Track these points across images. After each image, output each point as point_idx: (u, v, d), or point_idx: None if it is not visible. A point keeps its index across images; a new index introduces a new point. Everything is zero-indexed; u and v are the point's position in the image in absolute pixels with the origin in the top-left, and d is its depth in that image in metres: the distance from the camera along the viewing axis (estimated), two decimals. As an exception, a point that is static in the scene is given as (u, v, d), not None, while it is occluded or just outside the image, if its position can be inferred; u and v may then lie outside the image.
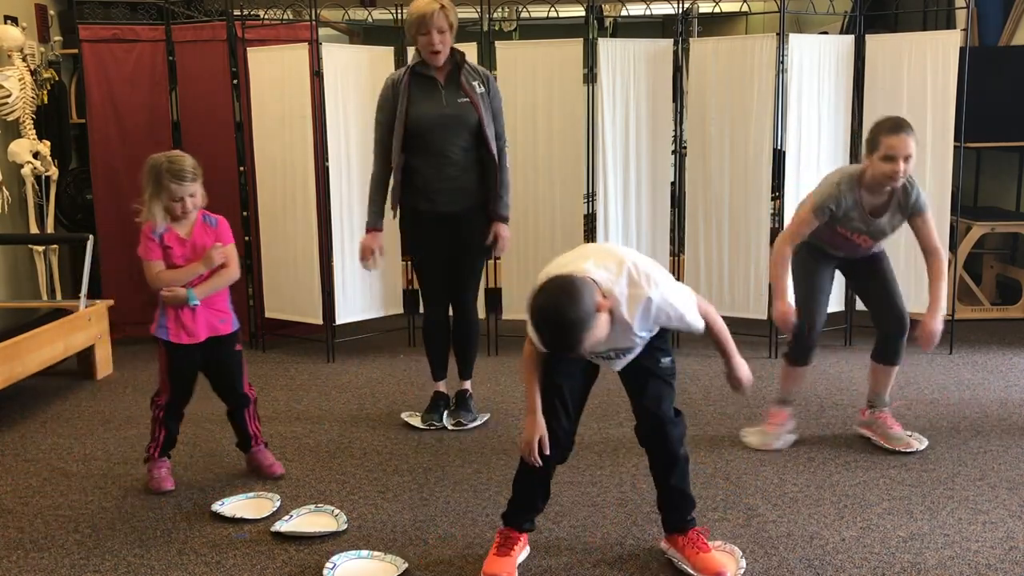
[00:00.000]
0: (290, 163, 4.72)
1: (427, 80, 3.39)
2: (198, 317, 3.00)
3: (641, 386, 2.47)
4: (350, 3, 6.35)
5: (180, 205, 2.94)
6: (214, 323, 3.05)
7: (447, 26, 3.29)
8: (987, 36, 5.53)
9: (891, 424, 3.38)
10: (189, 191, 2.94)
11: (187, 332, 2.99)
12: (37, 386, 4.29)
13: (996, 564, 2.49)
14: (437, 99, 3.37)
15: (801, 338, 3.30)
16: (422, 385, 4.08)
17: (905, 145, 2.98)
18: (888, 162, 3.00)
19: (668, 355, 2.48)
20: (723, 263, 4.75)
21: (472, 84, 3.39)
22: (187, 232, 3.02)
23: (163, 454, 3.11)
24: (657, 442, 2.47)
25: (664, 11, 5.45)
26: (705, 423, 3.66)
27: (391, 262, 4.88)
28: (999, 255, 5.58)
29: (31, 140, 4.94)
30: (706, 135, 4.71)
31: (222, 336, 3.07)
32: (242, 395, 3.15)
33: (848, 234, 3.20)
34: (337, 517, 2.80)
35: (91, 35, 4.96)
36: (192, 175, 2.93)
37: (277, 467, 3.18)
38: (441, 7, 3.27)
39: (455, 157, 3.39)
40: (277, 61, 4.69)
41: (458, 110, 3.37)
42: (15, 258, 5.25)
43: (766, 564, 2.51)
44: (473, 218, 3.48)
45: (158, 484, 3.04)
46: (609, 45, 4.66)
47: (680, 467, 2.48)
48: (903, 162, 2.99)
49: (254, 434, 3.19)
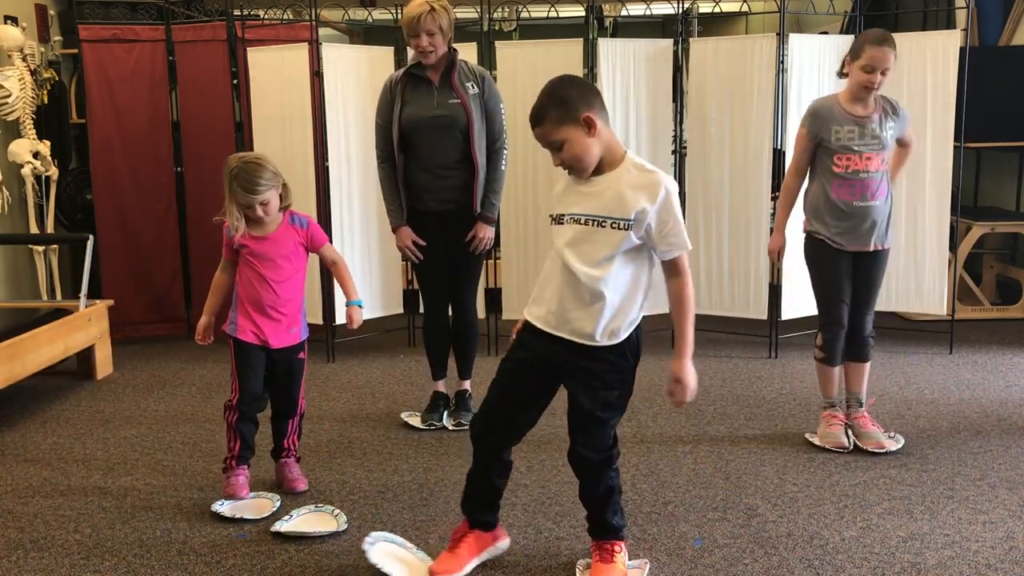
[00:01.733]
0: (290, 163, 4.71)
1: (421, 81, 3.41)
2: (271, 325, 2.91)
3: (571, 413, 2.37)
4: (350, 3, 6.35)
5: (252, 212, 2.83)
6: (285, 333, 2.95)
7: (437, 29, 3.30)
8: (987, 36, 5.54)
9: (865, 423, 3.38)
10: (260, 199, 2.80)
11: (259, 333, 2.91)
12: (37, 386, 4.29)
13: (996, 564, 2.49)
14: (429, 100, 3.40)
15: (833, 338, 3.33)
16: (422, 385, 4.08)
17: (885, 58, 3.11)
18: (866, 72, 3.14)
19: (613, 389, 2.31)
20: (723, 263, 4.75)
21: (465, 85, 3.41)
22: (270, 230, 2.91)
23: (241, 463, 2.99)
24: (576, 470, 2.42)
25: (664, 11, 5.46)
26: (705, 423, 3.66)
27: (391, 262, 4.88)
28: (999, 255, 5.58)
29: (31, 140, 4.94)
30: (706, 135, 4.71)
31: (292, 344, 2.98)
32: (295, 402, 3.04)
33: (849, 162, 3.20)
34: (337, 517, 2.80)
35: (91, 35, 4.97)
36: (265, 185, 2.79)
37: (300, 483, 3.05)
38: (431, 10, 3.28)
39: (445, 158, 3.41)
40: (277, 61, 4.68)
41: (448, 111, 3.39)
42: (15, 258, 5.25)
43: (766, 564, 2.51)
44: (467, 217, 3.49)
45: (232, 490, 2.93)
46: (609, 45, 4.67)
47: (597, 498, 2.39)
48: (880, 75, 3.13)
49: (289, 447, 3.08)
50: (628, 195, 2.22)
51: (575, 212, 2.27)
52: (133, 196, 5.10)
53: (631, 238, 2.23)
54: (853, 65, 3.19)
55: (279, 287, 2.91)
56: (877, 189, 3.22)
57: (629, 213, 2.22)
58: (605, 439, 2.36)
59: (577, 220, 2.27)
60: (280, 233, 2.92)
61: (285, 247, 2.92)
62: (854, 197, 3.22)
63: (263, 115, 4.77)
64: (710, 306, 4.81)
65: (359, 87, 4.67)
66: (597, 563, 2.42)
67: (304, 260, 2.99)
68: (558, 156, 2.24)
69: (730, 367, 4.48)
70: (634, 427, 3.59)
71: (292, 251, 2.94)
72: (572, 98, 2.20)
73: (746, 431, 3.56)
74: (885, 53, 3.11)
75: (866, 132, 3.20)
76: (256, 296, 2.90)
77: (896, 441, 3.37)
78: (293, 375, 3.02)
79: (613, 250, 2.24)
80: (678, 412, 3.79)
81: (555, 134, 2.21)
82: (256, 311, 2.91)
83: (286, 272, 2.93)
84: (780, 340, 4.68)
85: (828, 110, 3.24)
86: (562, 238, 2.29)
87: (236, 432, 2.96)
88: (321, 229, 3.04)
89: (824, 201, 3.26)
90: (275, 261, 2.91)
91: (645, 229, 2.23)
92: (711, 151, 4.70)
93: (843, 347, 3.35)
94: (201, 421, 3.77)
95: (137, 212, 5.10)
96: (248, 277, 2.92)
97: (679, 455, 3.32)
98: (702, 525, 2.75)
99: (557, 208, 2.33)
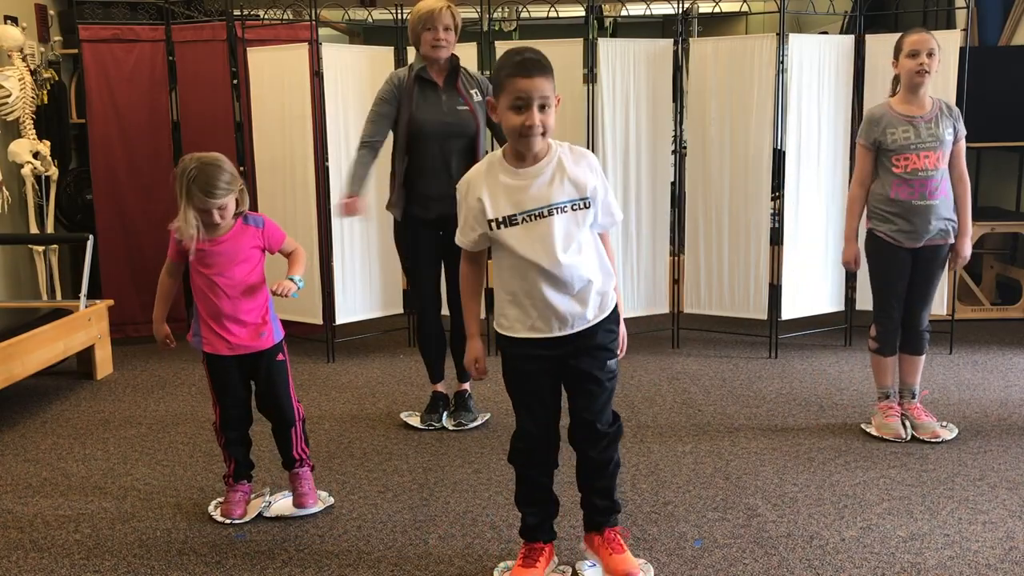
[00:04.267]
0: (290, 163, 4.72)
1: (428, 84, 3.41)
2: (235, 328, 2.72)
3: (580, 390, 2.31)
4: (350, 3, 6.35)
5: (208, 216, 2.62)
6: (253, 337, 2.75)
7: (452, 24, 3.36)
8: (987, 36, 5.53)
9: (919, 414, 3.47)
10: (218, 204, 2.59)
11: (225, 343, 2.72)
12: (37, 386, 4.29)
13: (996, 564, 2.49)
14: (437, 105, 3.39)
15: (884, 330, 3.42)
16: (422, 385, 4.08)
17: (927, 41, 3.22)
18: (912, 58, 3.22)
19: (614, 356, 2.32)
20: (723, 263, 4.75)
21: (470, 92, 3.42)
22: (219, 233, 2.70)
23: (239, 479, 2.87)
24: (589, 448, 2.37)
25: (664, 11, 5.46)
26: (705, 423, 3.66)
27: (391, 262, 4.88)
28: (999, 255, 5.58)
29: (31, 140, 4.94)
30: (706, 135, 4.71)
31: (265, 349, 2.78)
32: (288, 411, 2.84)
33: (908, 162, 3.26)
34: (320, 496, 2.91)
35: (91, 35, 4.97)
36: (224, 189, 2.58)
37: (308, 499, 2.87)
38: (448, 6, 3.35)
39: (451, 163, 3.40)
40: (277, 61, 4.68)
41: (458, 117, 3.39)
42: (15, 258, 5.25)
43: (766, 564, 2.51)
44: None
45: (228, 511, 2.83)
46: (609, 45, 4.67)
47: (609, 472, 2.39)
48: (927, 57, 3.20)
49: (299, 457, 2.89)
50: (577, 174, 2.21)
51: (531, 208, 2.20)
52: (133, 196, 5.10)
53: (591, 214, 2.23)
54: (899, 62, 3.29)
55: (235, 294, 2.71)
56: (937, 188, 3.28)
57: (585, 191, 2.22)
58: (611, 411, 2.37)
59: (540, 214, 2.19)
60: (233, 235, 2.70)
61: (239, 251, 2.70)
62: (913, 196, 3.27)
63: (263, 115, 4.77)
64: (710, 306, 4.81)
65: (359, 87, 4.66)
66: (611, 556, 2.40)
67: (261, 262, 2.77)
68: (536, 116, 2.12)
69: (730, 367, 4.47)
70: (634, 427, 3.59)
71: (246, 256, 2.71)
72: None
73: (746, 431, 3.56)
74: (924, 37, 3.23)
75: (921, 131, 3.27)
76: (213, 307, 2.71)
77: (950, 431, 3.46)
78: (275, 381, 2.81)
79: (581, 231, 2.23)
80: (678, 412, 3.80)
81: (550, 90, 2.15)
82: (216, 322, 2.72)
83: (238, 277, 2.70)
84: (780, 340, 4.68)
85: (882, 115, 3.32)
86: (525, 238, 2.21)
87: (228, 454, 2.86)
88: (278, 226, 2.81)
89: (884, 200, 3.33)
90: (227, 267, 2.69)
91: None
92: (711, 151, 4.70)
93: (899, 339, 3.44)
94: (201, 421, 3.77)
95: (137, 212, 5.10)
96: (200, 287, 2.72)
97: (679, 455, 3.32)
98: (702, 525, 2.75)
99: (503, 210, 2.21)
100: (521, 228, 2.21)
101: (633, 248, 4.80)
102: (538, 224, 2.20)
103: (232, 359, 2.76)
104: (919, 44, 3.22)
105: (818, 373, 4.33)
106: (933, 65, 3.23)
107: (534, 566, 2.42)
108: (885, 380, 3.51)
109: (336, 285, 4.77)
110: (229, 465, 2.88)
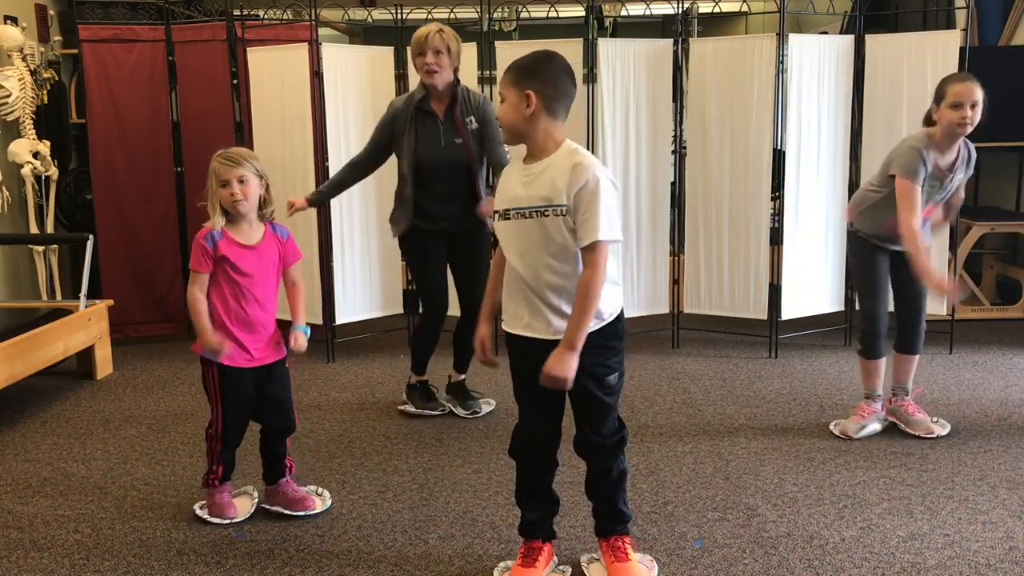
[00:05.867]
0: (290, 163, 4.72)
1: (429, 116, 3.47)
2: (258, 341, 2.73)
3: (576, 403, 2.34)
4: (350, 3, 6.35)
5: (229, 191, 2.63)
6: (273, 347, 2.78)
7: (444, 48, 3.39)
8: (987, 36, 5.53)
9: (913, 411, 3.49)
10: (238, 174, 2.63)
11: (246, 355, 2.72)
12: (37, 386, 4.29)
13: (996, 564, 2.49)
14: (436, 138, 3.47)
15: (866, 332, 3.41)
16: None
17: (971, 92, 3.09)
18: (956, 109, 3.10)
19: (613, 372, 2.31)
20: (723, 263, 4.75)
21: (466, 121, 3.48)
22: (255, 239, 2.73)
23: (225, 481, 2.86)
24: (589, 458, 2.40)
25: (664, 11, 5.45)
26: (705, 423, 3.66)
27: (391, 263, 4.89)
28: (999, 255, 5.58)
29: (31, 140, 4.94)
30: (706, 135, 4.71)
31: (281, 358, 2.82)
32: (292, 417, 2.86)
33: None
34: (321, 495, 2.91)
35: (91, 35, 4.97)
36: (248, 164, 2.67)
37: (308, 500, 2.88)
38: (439, 30, 3.39)
39: (453, 190, 3.51)
40: (277, 61, 4.68)
41: (454, 151, 3.47)
42: (15, 258, 5.25)
43: (766, 564, 2.51)
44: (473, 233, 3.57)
45: (220, 511, 2.81)
46: (609, 45, 4.67)
47: (611, 483, 2.40)
48: (970, 109, 3.09)
49: (289, 465, 2.92)
50: (558, 179, 2.19)
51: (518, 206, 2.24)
52: (133, 196, 5.10)
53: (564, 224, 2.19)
54: (940, 108, 3.14)
55: (266, 301, 2.74)
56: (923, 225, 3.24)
57: (561, 199, 2.18)
58: (613, 422, 2.37)
59: (522, 214, 2.23)
60: (266, 244, 2.76)
61: (270, 258, 2.76)
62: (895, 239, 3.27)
63: (263, 115, 4.77)
64: (710, 306, 4.81)
65: (359, 87, 4.67)
66: (613, 564, 2.40)
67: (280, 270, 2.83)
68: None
69: (730, 367, 4.48)
70: (634, 427, 3.59)
71: (274, 262, 2.78)
72: (533, 71, 2.22)
73: (746, 431, 3.56)
74: (969, 87, 3.09)
75: (944, 185, 3.23)
76: (241, 316, 2.71)
77: (942, 426, 3.48)
78: (284, 388, 2.84)
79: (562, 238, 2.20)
80: (678, 412, 3.80)
81: (503, 88, 2.25)
82: (243, 330, 2.71)
83: (272, 285, 2.77)
84: (780, 340, 4.68)
85: (927, 159, 3.14)
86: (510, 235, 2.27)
87: (220, 459, 2.83)
88: (297, 245, 2.88)
89: (875, 221, 3.32)
90: (262, 275, 2.73)
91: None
92: (711, 151, 4.70)
93: (890, 339, 3.44)
94: (201, 421, 3.77)
95: (137, 212, 5.10)
96: (227, 296, 2.70)
97: (679, 455, 3.32)
98: (702, 525, 2.75)
99: (500, 203, 2.30)
100: (512, 223, 2.26)
101: (633, 248, 4.80)
102: (522, 223, 2.24)
103: (248, 372, 2.75)
104: (963, 96, 3.08)
105: (818, 373, 4.34)
106: (976, 117, 3.10)
107: (533, 566, 2.42)
108: (868, 381, 3.50)
109: (336, 285, 4.77)
110: (217, 468, 2.84)
